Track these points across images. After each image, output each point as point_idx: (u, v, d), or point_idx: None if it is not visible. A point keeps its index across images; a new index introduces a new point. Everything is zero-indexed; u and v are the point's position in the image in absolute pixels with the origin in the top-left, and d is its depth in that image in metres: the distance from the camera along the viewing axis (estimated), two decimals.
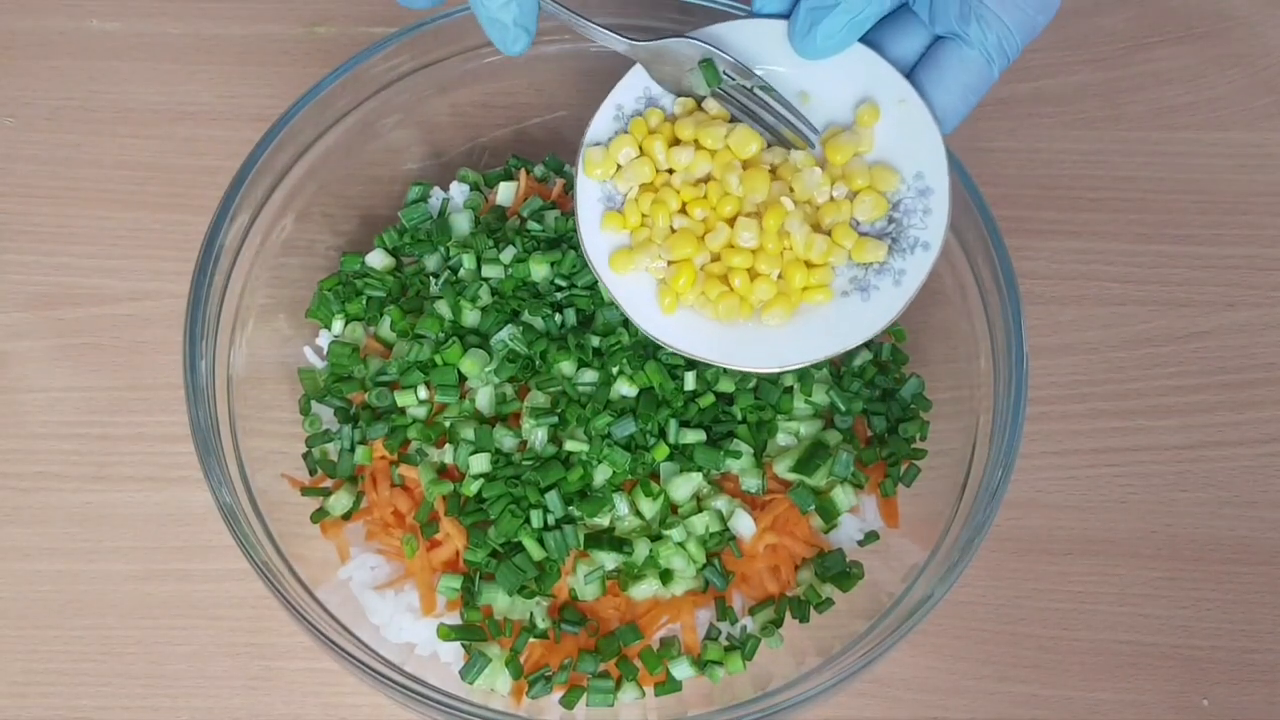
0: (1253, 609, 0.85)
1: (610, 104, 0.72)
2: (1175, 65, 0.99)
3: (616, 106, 0.72)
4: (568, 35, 0.84)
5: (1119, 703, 0.82)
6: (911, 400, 0.82)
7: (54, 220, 0.93)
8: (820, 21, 0.65)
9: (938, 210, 0.69)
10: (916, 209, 0.69)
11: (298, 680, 0.82)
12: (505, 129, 0.90)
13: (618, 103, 0.72)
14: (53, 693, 0.81)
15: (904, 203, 0.70)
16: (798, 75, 0.70)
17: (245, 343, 0.79)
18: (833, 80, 0.69)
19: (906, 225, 0.70)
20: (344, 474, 0.79)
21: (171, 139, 0.95)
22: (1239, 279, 0.93)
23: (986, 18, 0.64)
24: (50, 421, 0.87)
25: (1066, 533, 0.86)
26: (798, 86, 0.70)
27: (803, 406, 0.79)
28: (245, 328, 0.79)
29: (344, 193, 0.86)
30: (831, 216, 0.70)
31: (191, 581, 0.84)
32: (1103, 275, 0.93)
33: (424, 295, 0.81)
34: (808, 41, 0.66)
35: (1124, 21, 1.00)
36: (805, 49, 0.67)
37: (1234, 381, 0.90)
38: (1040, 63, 0.98)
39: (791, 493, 0.77)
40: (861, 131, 0.70)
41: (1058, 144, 0.96)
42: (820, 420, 0.80)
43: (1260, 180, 0.96)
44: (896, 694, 0.82)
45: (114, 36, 0.98)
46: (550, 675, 0.75)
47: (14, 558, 0.84)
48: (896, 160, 0.70)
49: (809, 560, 0.79)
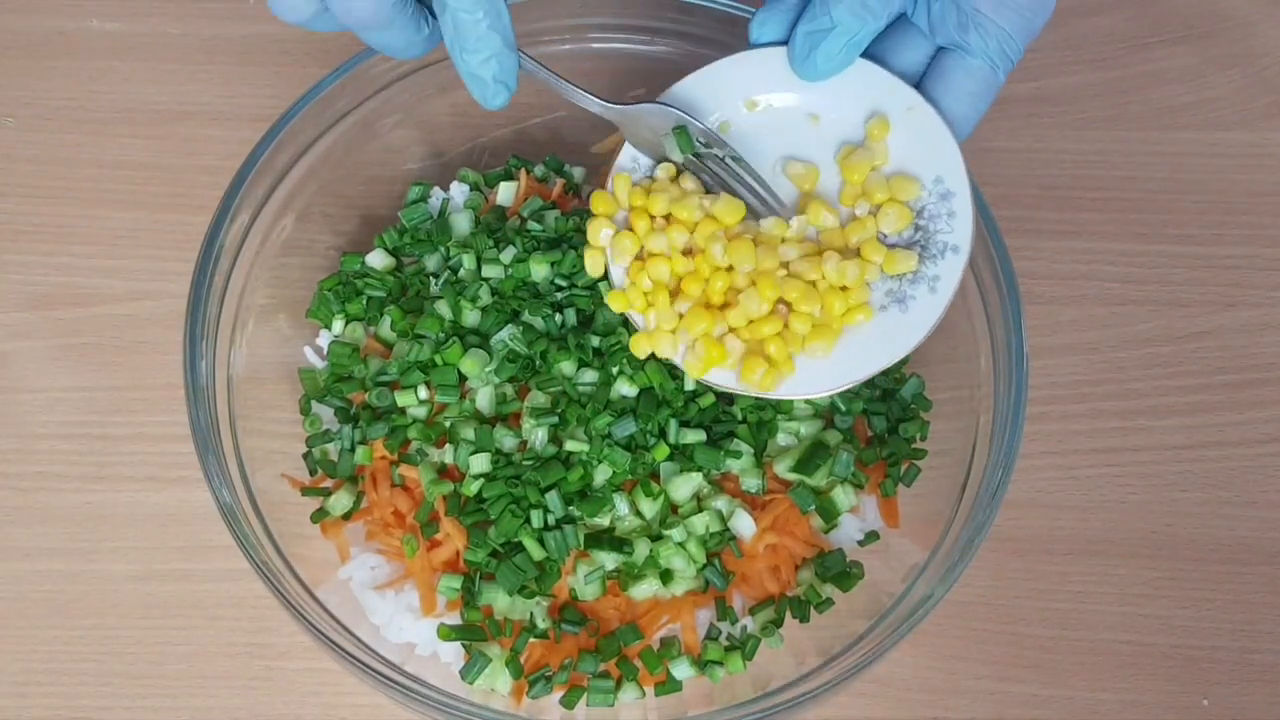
0: (1253, 609, 0.85)
1: (626, 156, 0.72)
2: (1175, 65, 0.99)
3: (632, 159, 0.72)
4: (568, 35, 0.84)
5: (1119, 703, 0.82)
6: (911, 400, 0.81)
7: (54, 220, 0.93)
8: (819, 45, 0.66)
9: (961, 212, 0.69)
10: (941, 213, 0.70)
11: (298, 680, 0.82)
12: (505, 129, 0.90)
13: (633, 155, 0.72)
14: (53, 693, 0.81)
15: (927, 209, 0.70)
16: (804, 99, 0.70)
17: (245, 343, 0.79)
18: (839, 99, 0.70)
19: (933, 231, 0.70)
20: (344, 474, 0.79)
21: (171, 139, 0.95)
22: (1239, 279, 0.93)
23: (985, 25, 0.64)
24: (50, 421, 0.87)
25: (1066, 533, 0.86)
26: (806, 110, 0.71)
27: (803, 406, 0.79)
28: (245, 328, 0.79)
29: (344, 193, 0.86)
30: (857, 235, 0.70)
31: (192, 581, 0.84)
32: (1103, 275, 0.93)
33: (424, 295, 0.81)
34: (808, 65, 0.67)
35: (1124, 21, 1.00)
36: (806, 72, 0.67)
37: (1234, 381, 0.90)
38: (1040, 63, 0.98)
39: (791, 493, 0.77)
40: (875, 146, 0.70)
41: (1058, 144, 0.96)
42: (820, 420, 0.79)
43: (1260, 180, 0.96)
44: (896, 694, 0.82)
45: (114, 36, 0.98)
46: (550, 675, 0.75)
47: (14, 558, 0.84)
48: (914, 168, 0.70)
49: (809, 560, 0.79)
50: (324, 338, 0.83)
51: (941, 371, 0.82)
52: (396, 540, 0.77)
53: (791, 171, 0.72)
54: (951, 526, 0.73)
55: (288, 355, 0.83)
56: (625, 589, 0.76)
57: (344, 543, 0.79)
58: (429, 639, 0.76)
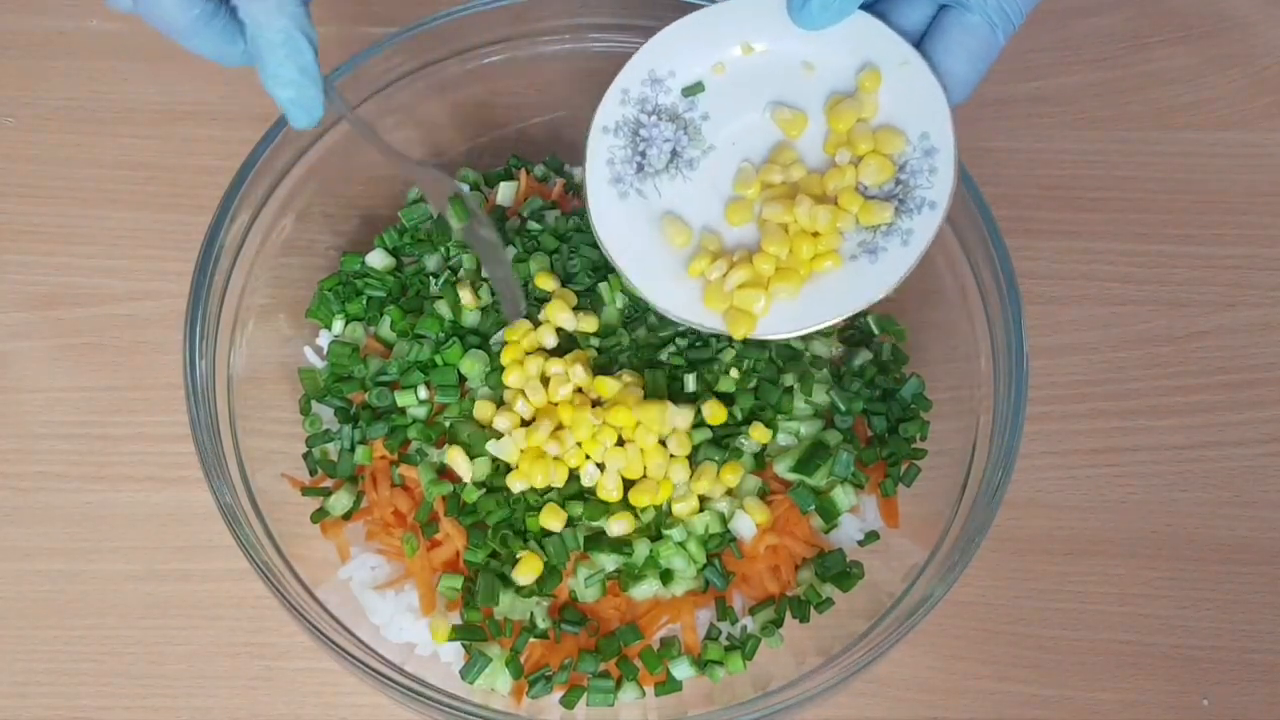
0: (1253, 609, 0.85)
1: (616, 89, 0.73)
2: (1175, 65, 0.99)
3: (622, 91, 0.73)
4: (568, 35, 0.84)
5: (1119, 703, 0.82)
6: (911, 400, 0.81)
7: (54, 220, 0.93)
8: None
9: (944, 169, 0.69)
10: (923, 169, 0.70)
11: (298, 680, 0.82)
12: (505, 129, 0.90)
13: (623, 87, 0.73)
14: (53, 693, 0.81)
15: (910, 164, 0.70)
16: (800, 48, 0.71)
17: (245, 343, 0.79)
18: (834, 49, 0.70)
19: (913, 186, 0.70)
20: (344, 474, 0.79)
21: (171, 139, 0.95)
22: (1239, 279, 0.93)
23: None
24: (50, 421, 0.87)
25: (1067, 533, 0.86)
26: (800, 58, 0.71)
27: (803, 406, 0.79)
28: (245, 328, 0.79)
29: (344, 193, 0.86)
30: (836, 182, 0.71)
31: (192, 581, 0.84)
32: (1103, 275, 0.93)
33: (424, 295, 0.81)
34: (805, 13, 0.67)
35: (1124, 21, 1.00)
36: (803, 20, 0.68)
37: (1234, 381, 0.90)
38: (1040, 63, 0.98)
39: (792, 493, 0.76)
40: (864, 97, 0.70)
41: (1058, 144, 0.96)
42: (820, 420, 0.79)
43: (1260, 180, 0.96)
44: (896, 694, 0.82)
45: (114, 36, 0.98)
46: (550, 675, 0.75)
47: (14, 558, 0.84)
48: (901, 122, 0.70)
49: (809, 560, 0.79)
50: (324, 338, 0.83)
51: (941, 371, 0.82)
52: (396, 540, 0.77)
53: (779, 117, 0.72)
54: (951, 526, 0.73)
55: (288, 355, 0.83)
56: (625, 589, 0.76)
57: (344, 543, 0.79)
58: (429, 639, 0.76)
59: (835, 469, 0.77)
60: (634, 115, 0.73)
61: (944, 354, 0.81)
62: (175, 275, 0.90)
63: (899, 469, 0.79)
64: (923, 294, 0.80)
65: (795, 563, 0.79)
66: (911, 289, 0.75)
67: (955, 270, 0.78)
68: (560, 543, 0.73)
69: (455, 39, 0.82)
